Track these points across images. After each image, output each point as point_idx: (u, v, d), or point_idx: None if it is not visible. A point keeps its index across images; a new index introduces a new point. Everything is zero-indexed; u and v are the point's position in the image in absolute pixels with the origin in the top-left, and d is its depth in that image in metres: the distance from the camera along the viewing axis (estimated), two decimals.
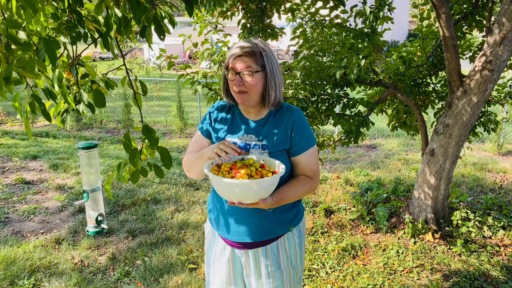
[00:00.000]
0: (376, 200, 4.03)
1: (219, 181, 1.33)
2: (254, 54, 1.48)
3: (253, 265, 1.59)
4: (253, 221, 1.54)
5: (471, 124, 3.25)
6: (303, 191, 1.53)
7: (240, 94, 1.49)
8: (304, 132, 1.55)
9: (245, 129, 1.58)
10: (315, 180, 1.57)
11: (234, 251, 1.62)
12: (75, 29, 1.24)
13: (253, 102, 1.53)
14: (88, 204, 3.54)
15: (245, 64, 1.47)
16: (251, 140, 1.56)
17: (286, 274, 1.61)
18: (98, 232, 3.53)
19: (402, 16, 22.34)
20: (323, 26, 3.64)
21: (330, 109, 3.41)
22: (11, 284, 2.81)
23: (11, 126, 8.42)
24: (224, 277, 1.66)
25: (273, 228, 1.56)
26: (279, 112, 1.58)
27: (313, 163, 1.57)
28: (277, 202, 1.44)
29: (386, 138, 7.53)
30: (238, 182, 1.29)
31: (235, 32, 3.81)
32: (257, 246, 1.57)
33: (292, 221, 1.61)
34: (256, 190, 1.33)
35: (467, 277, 2.86)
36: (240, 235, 1.56)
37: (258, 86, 1.49)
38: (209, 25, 3.18)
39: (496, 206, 3.96)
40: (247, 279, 1.65)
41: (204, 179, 5.06)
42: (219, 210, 1.63)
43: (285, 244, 1.60)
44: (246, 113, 1.61)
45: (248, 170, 1.37)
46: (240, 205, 1.37)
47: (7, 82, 1.05)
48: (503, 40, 2.84)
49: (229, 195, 1.37)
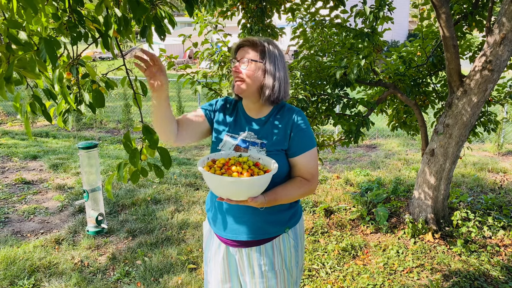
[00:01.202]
0: (376, 200, 4.03)
1: (208, 176, 1.33)
2: (255, 45, 1.53)
3: (246, 264, 1.59)
4: (248, 219, 1.53)
5: (471, 124, 3.25)
6: (298, 193, 1.52)
7: (238, 82, 1.52)
8: (304, 134, 1.54)
9: (245, 126, 1.59)
10: (313, 183, 1.55)
11: (228, 249, 1.62)
12: (75, 29, 1.24)
13: (248, 92, 1.53)
14: (88, 204, 3.54)
15: (245, 53, 1.53)
16: (250, 137, 1.56)
17: (280, 276, 1.59)
18: (98, 232, 3.53)
19: (402, 16, 22.34)
20: (323, 26, 3.64)
21: (330, 109, 3.41)
22: (11, 284, 2.81)
23: (11, 126, 8.42)
24: (219, 275, 1.67)
25: (268, 228, 1.55)
26: (280, 112, 1.58)
27: (311, 165, 1.55)
28: (269, 201, 1.43)
29: (386, 138, 7.53)
30: (226, 179, 1.29)
31: (235, 32, 3.80)
32: (251, 245, 1.57)
33: (288, 222, 1.60)
34: (245, 187, 1.32)
35: (467, 277, 2.86)
36: (234, 232, 1.56)
37: (254, 75, 1.51)
38: (209, 25, 3.18)
39: (496, 206, 3.96)
40: (242, 278, 1.65)
41: (203, 179, 5.06)
42: (216, 207, 1.63)
43: (280, 245, 1.59)
44: (248, 110, 1.61)
45: (240, 168, 1.37)
46: (228, 202, 1.37)
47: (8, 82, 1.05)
48: (503, 40, 2.84)
49: (218, 191, 1.38)
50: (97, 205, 3.56)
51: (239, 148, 1.55)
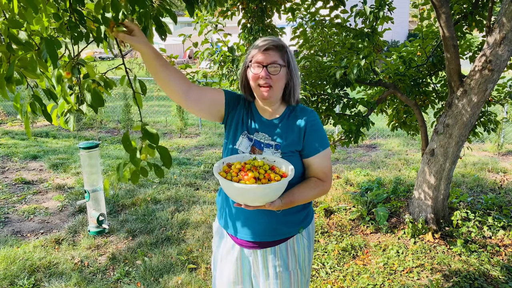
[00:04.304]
0: (376, 200, 4.03)
1: (226, 184, 1.33)
2: (280, 48, 1.48)
3: (261, 265, 1.59)
4: (263, 221, 1.53)
5: (471, 124, 3.25)
6: (313, 194, 1.52)
7: (265, 88, 1.47)
8: (317, 134, 1.54)
9: (259, 127, 1.57)
10: (327, 183, 1.55)
11: (242, 250, 1.62)
12: (76, 29, 1.24)
13: (275, 97, 1.52)
14: (89, 204, 3.54)
15: (272, 58, 1.46)
16: (264, 138, 1.55)
17: (294, 276, 1.60)
18: (100, 232, 3.53)
19: (402, 16, 22.34)
20: (323, 26, 3.64)
21: (330, 109, 3.41)
22: (11, 284, 2.81)
23: (11, 126, 8.42)
24: (231, 276, 1.66)
25: (282, 229, 1.56)
26: (293, 112, 1.57)
27: (325, 165, 1.55)
28: (286, 204, 1.43)
29: (386, 138, 7.53)
30: (244, 187, 1.29)
31: (235, 32, 3.81)
32: (266, 246, 1.57)
33: (302, 223, 1.60)
34: (262, 194, 1.33)
35: (467, 277, 2.86)
36: (249, 234, 1.55)
37: (282, 81, 1.49)
38: (209, 24, 3.18)
39: (496, 206, 3.96)
40: (255, 279, 1.64)
41: (204, 179, 5.06)
42: (229, 209, 1.62)
43: (294, 245, 1.59)
44: (262, 111, 1.60)
45: (256, 173, 1.36)
46: (246, 208, 1.37)
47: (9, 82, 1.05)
48: (503, 40, 2.84)
49: (236, 197, 1.38)
50: (99, 205, 3.56)
51: (254, 149, 1.54)
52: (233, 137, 1.59)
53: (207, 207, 4.13)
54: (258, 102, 1.59)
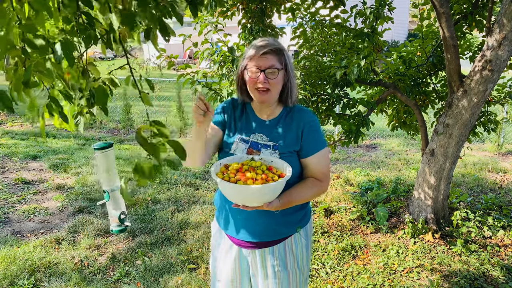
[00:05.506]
0: (376, 200, 4.03)
1: (224, 185, 1.33)
2: (277, 52, 1.48)
3: (259, 265, 1.59)
4: (261, 221, 1.53)
5: (471, 124, 3.25)
6: (311, 194, 1.52)
7: (263, 92, 1.48)
8: (315, 134, 1.54)
9: (256, 128, 1.57)
10: (325, 183, 1.55)
11: (241, 250, 1.62)
12: (85, 32, 1.23)
13: (273, 100, 1.53)
14: (109, 203, 3.53)
15: (270, 61, 1.46)
16: (261, 139, 1.55)
17: (293, 275, 1.61)
18: (122, 230, 3.52)
19: (402, 16, 22.35)
20: (323, 26, 3.64)
21: (330, 109, 3.41)
22: (11, 284, 2.81)
23: (11, 126, 8.42)
24: (230, 275, 1.67)
25: (280, 229, 1.56)
26: (290, 113, 1.57)
27: (323, 165, 1.55)
28: (284, 204, 1.44)
29: (386, 138, 7.53)
30: (242, 188, 1.29)
31: (235, 32, 3.80)
32: (264, 246, 1.57)
33: (299, 222, 1.61)
34: (260, 195, 1.33)
35: (467, 277, 2.86)
36: (247, 235, 1.56)
37: (280, 84, 1.50)
38: (209, 25, 3.17)
39: (496, 206, 3.96)
40: (254, 279, 1.65)
41: (204, 179, 5.06)
42: (227, 209, 1.62)
43: (292, 245, 1.60)
44: (258, 112, 1.60)
45: (254, 174, 1.36)
46: (244, 208, 1.37)
47: (26, 87, 1.04)
48: (503, 40, 2.84)
49: (234, 198, 1.38)
50: (118, 204, 3.55)
51: (251, 151, 1.54)
52: (227, 143, 1.60)
53: (207, 207, 4.13)
54: (255, 103, 1.59)
